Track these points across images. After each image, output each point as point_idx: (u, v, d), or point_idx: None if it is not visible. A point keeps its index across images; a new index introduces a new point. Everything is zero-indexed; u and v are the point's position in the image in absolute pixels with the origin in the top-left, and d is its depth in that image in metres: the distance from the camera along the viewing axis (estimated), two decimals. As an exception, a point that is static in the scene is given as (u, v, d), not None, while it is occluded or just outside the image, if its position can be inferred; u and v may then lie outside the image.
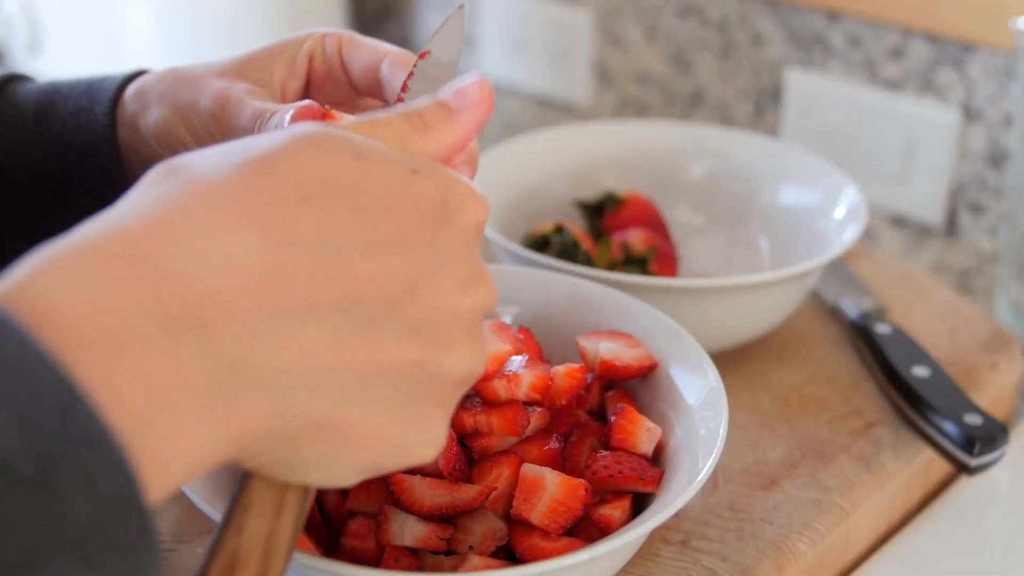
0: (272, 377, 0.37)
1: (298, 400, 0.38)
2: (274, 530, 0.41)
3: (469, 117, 0.46)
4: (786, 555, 0.60)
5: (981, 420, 0.67)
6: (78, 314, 0.33)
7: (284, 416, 0.38)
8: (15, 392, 0.31)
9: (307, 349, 0.37)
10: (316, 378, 0.38)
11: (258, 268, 0.36)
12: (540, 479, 0.54)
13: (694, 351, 0.60)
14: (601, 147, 0.89)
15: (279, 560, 0.41)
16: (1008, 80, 0.96)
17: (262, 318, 0.36)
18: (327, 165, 0.39)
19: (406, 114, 0.44)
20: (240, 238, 0.36)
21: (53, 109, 0.61)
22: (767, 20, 1.10)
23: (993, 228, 1.01)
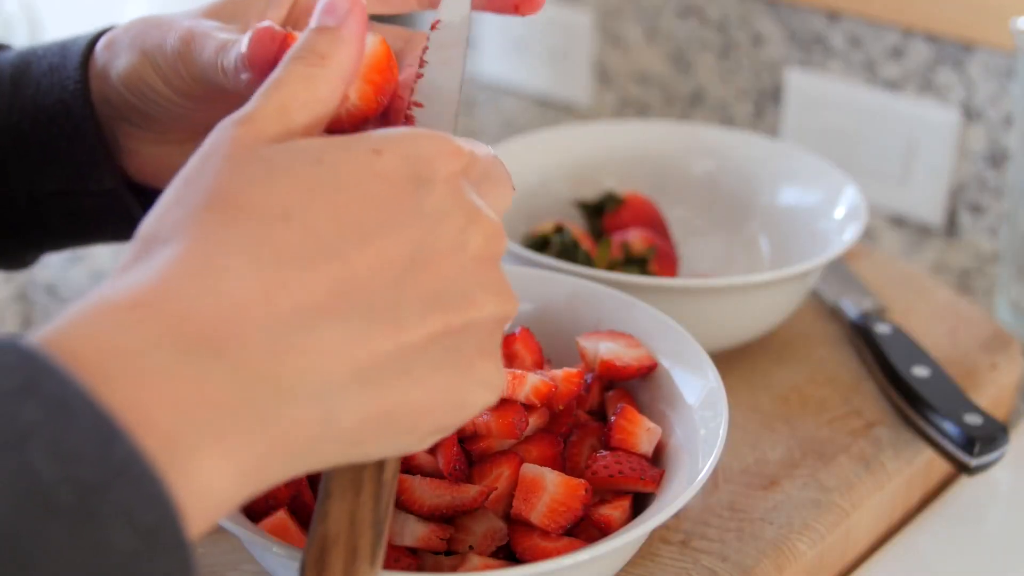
0: (307, 386, 0.37)
1: (341, 402, 0.38)
2: (356, 508, 0.42)
3: (352, 26, 0.45)
4: (786, 555, 0.60)
5: (981, 420, 0.67)
6: (102, 356, 0.34)
7: (332, 420, 0.38)
8: (57, 427, 0.31)
9: (334, 351, 0.38)
10: (352, 376, 0.38)
11: (259, 288, 0.37)
12: (540, 479, 0.54)
13: (694, 351, 0.60)
14: (601, 147, 0.89)
15: (367, 533, 0.42)
16: (1008, 80, 0.96)
17: (276, 332, 0.37)
18: (293, 178, 0.39)
19: (299, 56, 0.44)
20: (234, 270, 0.37)
21: (28, 70, 0.60)
22: (767, 20, 1.10)
23: (993, 228, 1.01)
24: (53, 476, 0.31)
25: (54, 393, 0.32)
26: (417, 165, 0.42)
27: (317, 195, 0.39)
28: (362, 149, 0.41)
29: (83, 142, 0.58)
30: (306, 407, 0.37)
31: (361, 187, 0.40)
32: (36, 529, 0.30)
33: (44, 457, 0.31)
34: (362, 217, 0.40)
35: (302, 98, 0.43)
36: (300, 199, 0.39)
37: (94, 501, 0.31)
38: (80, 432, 0.32)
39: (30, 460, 0.31)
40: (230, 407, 0.35)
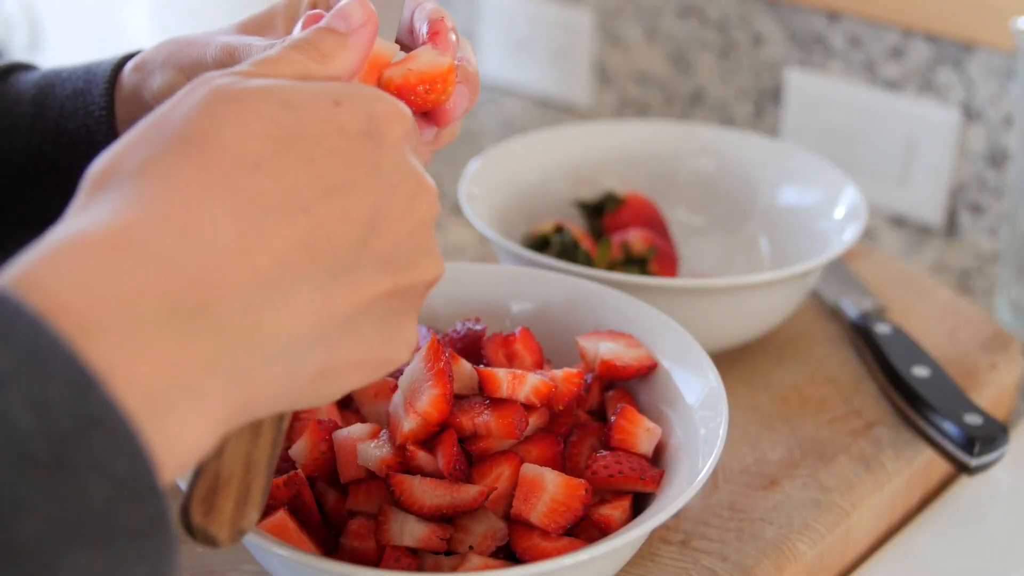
0: (280, 345, 0.38)
1: (304, 358, 0.39)
2: (252, 451, 0.42)
3: (359, 39, 0.46)
4: (786, 555, 0.60)
5: (981, 420, 0.67)
6: (87, 303, 0.33)
7: (294, 376, 0.39)
8: (30, 376, 0.31)
9: (303, 309, 0.39)
10: (315, 334, 0.39)
11: (239, 242, 0.37)
12: (540, 479, 0.54)
13: (694, 351, 0.60)
14: (601, 147, 0.89)
15: (260, 478, 0.42)
16: (1008, 80, 0.96)
17: (257, 290, 0.37)
18: (264, 123, 0.40)
19: (300, 47, 0.45)
20: (213, 218, 0.37)
21: (52, 92, 0.60)
22: (767, 20, 1.10)
23: (993, 228, 1.01)
24: (28, 426, 0.30)
25: (29, 341, 0.31)
26: (372, 120, 0.42)
27: (285, 143, 0.40)
28: (324, 98, 0.42)
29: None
30: (277, 364, 0.38)
31: (325, 139, 0.41)
32: (13, 481, 0.30)
33: (19, 406, 0.30)
34: (326, 170, 0.40)
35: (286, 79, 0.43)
36: (270, 147, 0.39)
37: (69, 451, 0.31)
38: (55, 381, 0.31)
39: (5, 409, 0.30)
40: (211, 366, 0.36)
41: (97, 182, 0.38)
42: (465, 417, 0.55)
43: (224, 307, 0.36)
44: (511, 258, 0.73)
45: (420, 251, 0.43)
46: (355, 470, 0.55)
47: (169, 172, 0.38)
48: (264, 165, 0.39)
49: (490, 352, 0.61)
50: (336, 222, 0.40)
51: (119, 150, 0.39)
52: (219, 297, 0.36)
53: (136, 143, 0.39)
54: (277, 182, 0.39)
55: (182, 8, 1.17)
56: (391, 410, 0.56)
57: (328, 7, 0.58)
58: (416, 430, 0.54)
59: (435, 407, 0.54)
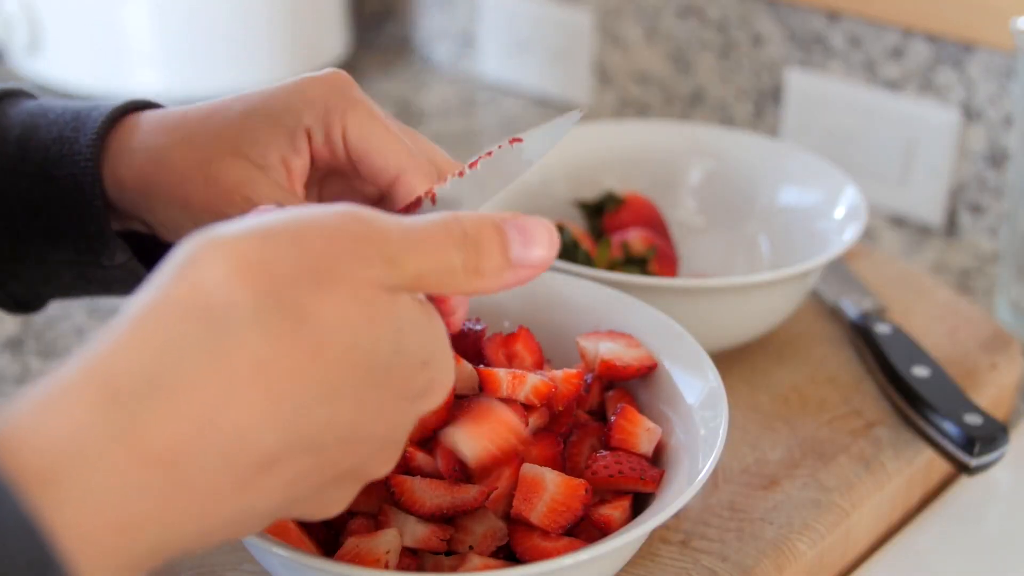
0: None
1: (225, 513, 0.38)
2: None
3: (523, 275, 0.43)
4: (786, 555, 0.60)
5: (981, 420, 0.67)
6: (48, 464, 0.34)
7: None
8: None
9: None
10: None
11: (252, 458, 0.37)
12: (540, 479, 0.54)
13: (694, 351, 0.60)
14: (601, 147, 0.89)
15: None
16: (1008, 80, 0.96)
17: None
18: (370, 352, 0.39)
19: (462, 242, 0.41)
20: (249, 417, 0.36)
21: (36, 134, 0.57)
22: (767, 20, 1.10)
23: (993, 228, 1.01)
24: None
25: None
26: (427, 389, 0.42)
27: (359, 385, 0.39)
28: (419, 355, 0.41)
29: (95, 221, 0.56)
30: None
31: (387, 396, 0.40)
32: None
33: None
34: (364, 417, 0.40)
35: (429, 281, 0.41)
36: (340, 378, 0.38)
37: None
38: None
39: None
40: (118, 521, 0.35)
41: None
42: (465, 417, 0.55)
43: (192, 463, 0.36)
44: (511, 258, 0.73)
45: (391, 451, 0.43)
46: (355, 470, 0.55)
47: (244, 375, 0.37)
48: (339, 394, 0.38)
49: (490, 352, 0.60)
50: (318, 466, 0.39)
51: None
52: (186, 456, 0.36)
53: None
54: (329, 416, 0.38)
55: (183, 8, 1.17)
56: None
57: (328, 140, 0.55)
58: (413, 433, 0.54)
59: (434, 414, 0.54)
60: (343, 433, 0.39)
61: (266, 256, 0.38)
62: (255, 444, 0.37)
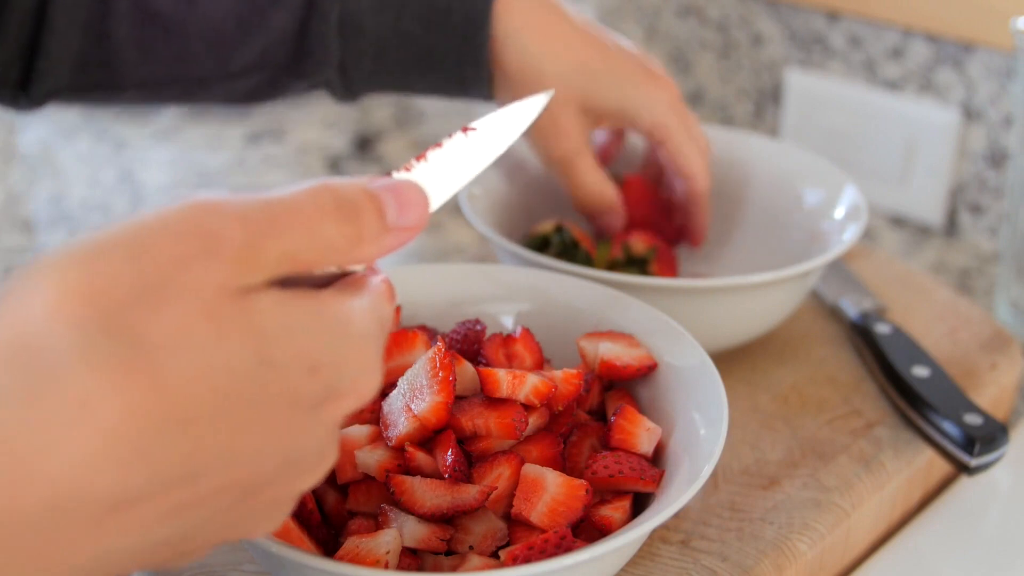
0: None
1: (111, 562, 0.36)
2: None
3: (399, 240, 0.41)
4: (786, 555, 0.60)
5: (981, 420, 0.67)
6: None
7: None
8: None
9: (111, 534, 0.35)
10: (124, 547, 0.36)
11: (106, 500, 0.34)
12: (541, 479, 0.54)
13: (694, 351, 0.60)
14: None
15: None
16: (1008, 80, 0.96)
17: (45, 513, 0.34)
18: (223, 369, 0.35)
19: (338, 213, 0.39)
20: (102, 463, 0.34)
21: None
22: (767, 20, 1.10)
23: (993, 228, 1.01)
24: None
25: None
26: (331, 394, 0.38)
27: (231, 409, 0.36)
28: (304, 362, 0.37)
29: (475, 66, 0.73)
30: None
31: (272, 413, 0.37)
32: None
33: None
34: (245, 447, 0.36)
35: (304, 258, 0.38)
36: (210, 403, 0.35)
37: None
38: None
39: None
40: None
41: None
42: (465, 417, 0.55)
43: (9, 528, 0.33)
44: (511, 258, 0.73)
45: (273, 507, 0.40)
46: (353, 471, 0.55)
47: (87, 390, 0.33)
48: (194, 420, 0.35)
49: (490, 352, 0.61)
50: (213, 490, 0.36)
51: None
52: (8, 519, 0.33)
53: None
54: (190, 453, 0.35)
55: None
56: (385, 408, 0.56)
57: None
58: (413, 433, 0.54)
59: (434, 414, 0.54)
60: (220, 458, 0.36)
61: (95, 280, 0.34)
62: (90, 488, 0.34)
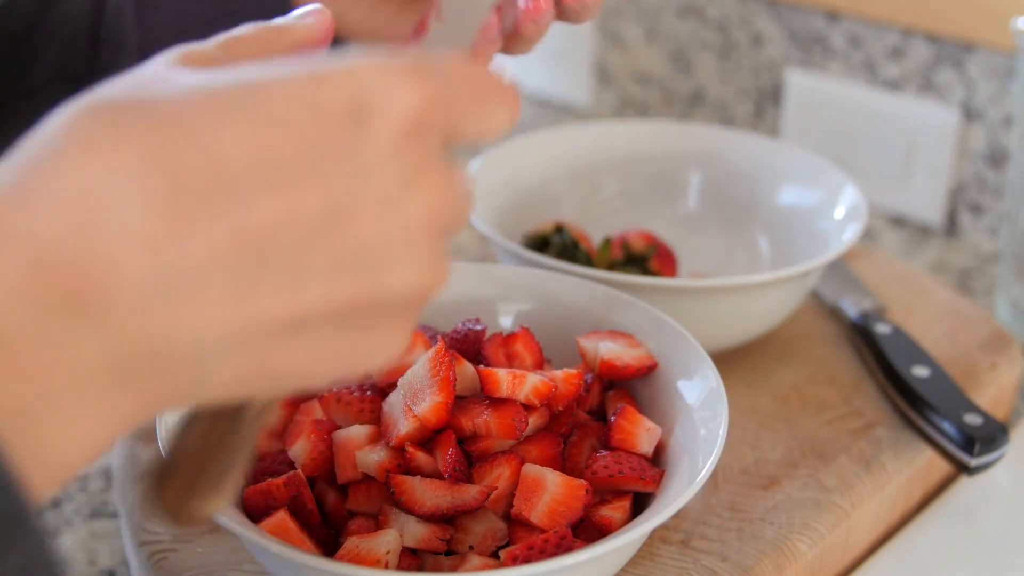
0: (179, 348, 0.33)
1: (216, 362, 0.34)
2: (211, 433, 0.38)
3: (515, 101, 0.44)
4: (786, 555, 0.60)
5: (981, 420, 0.67)
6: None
7: (204, 379, 0.34)
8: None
9: (214, 312, 0.33)
10: (230, 337, 0.34)
11: (145, 235, 0.32)
12: (541, 479, 0.54)
13: (694, 351, 0.60)
14: (601, 147, 0.89)
15: (216, 461, 0.38)
16: (1008, 80, 0.96)
17: (152, 290, 0.32)
18: (208, 97, 0.34)
19: (441, 73, 0.38)
20: (120, 204, 0.32)
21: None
22: (767, 20, 1.10)
23: (993, 228, 1.01)
24: None
25: None
26: (360, 104, 0.35)
27: (234, 118, 0.34)
28: (303, 73, 0.35)
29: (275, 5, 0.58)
30: (177, 368, 0.33)
31: (289, 118, 0.34)
32: None
33: None
34: (282, 155, 0.34)
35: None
36: (213, 119, 0.33)
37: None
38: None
39: None
40: (86, 376, 0.32)
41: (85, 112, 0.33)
42: (465, 417, 0.55)
43: (107, 309, 0.31)
44: (511, 258, 0.73)
45: (401, 257, 0.36)
46: (353, 471, 0.55)
47: (77, 133, 0.32)
48: (200, 137, 0.33)
49: (490, 352, 0.61)
50: (280, 218, 0.34)
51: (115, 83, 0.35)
52: (102, 297, 0.31)
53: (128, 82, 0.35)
54: (211, 161, 0.33)
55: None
56: (386, 408, 0.56)
57: None
58: (413, 433, 0.54)
59: (435, 414, 0.54)
60: (263, 179, 0.34)
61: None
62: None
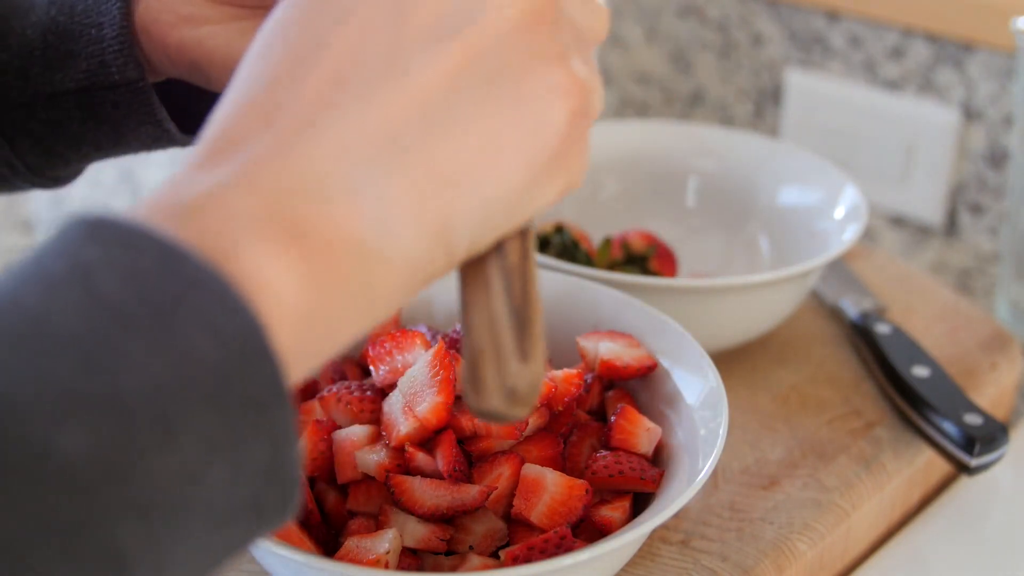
0: (335, 184, 0.34)
1: (384, 186, 0.35)
2: (490, 309, 0.39)
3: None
4: (786, 555, 0.60)
5: (981, 420, 0.67)
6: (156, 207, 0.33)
7: (383, 211, 0.34)
8: (122, 258, 0.30)
9: (347, 142, 0.35)
10: (380, 155, 0.35)
11: (262, 95, 0.35)
12: (541, 479, 0.54)
13: (694, 351, 0.60)
14: (601, 147, 0.89)
15: (507, 332, 0.38)
16: (1008, 80, 0.96)
17: (280, 140, 0.34)
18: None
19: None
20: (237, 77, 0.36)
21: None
22: (767, 20, 1.10)
23: (993, 228, 1.01)
24: (123, 296, 0.29)
25: (114, 235, 0.30)
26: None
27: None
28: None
29: (112, 26, 0.55)
30: (341, 203, 0.34)
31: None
32: (115, 344, 0.28)
33: (110, 282, 0.29)
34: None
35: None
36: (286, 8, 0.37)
37: (170, 314, 0.29)
38: (146, 258, 0.30)
39: (95, 286, 0.29)
40: (255, 219, 0.32)
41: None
42: (465, 417, 0.55)
43: (253, 160, 0.34)
44: (511, 258, 0.73)
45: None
46: (353, 471, 0.55)
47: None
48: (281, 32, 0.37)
49: (490, 352, 0.60)
50: (356, 38, 0.36)
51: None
52: (244, 146, 0.34)
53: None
54: (292, 23, 0.36)
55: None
56: (386, 408, 0.56)
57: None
58: (413, 434, 0.54)
59: (435, 415, 0.54)
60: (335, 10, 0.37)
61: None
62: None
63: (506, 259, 0.39)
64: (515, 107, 0.37)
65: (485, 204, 0.37)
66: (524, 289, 0.40)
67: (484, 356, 0.38)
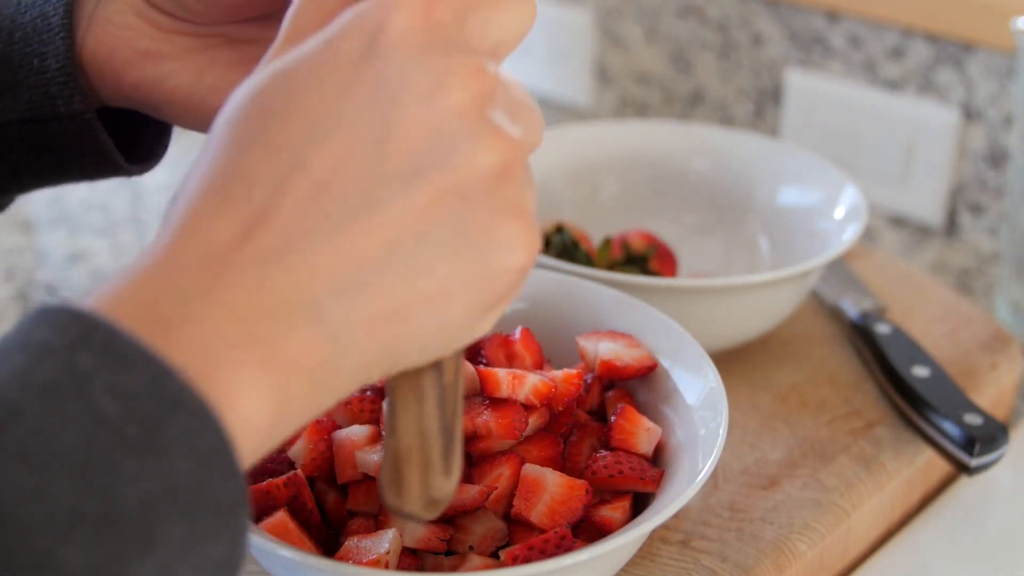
0: (297, 309, 0.36)
1: (339, 314, 0.36)
2: (421, 418, 0.41)
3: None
4: (786, 555, 0.60)
5: (981, 420, 0.67)
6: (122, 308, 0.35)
7: (337, 335, 0.36)
8: (112, 371, 0.33)
9: (315, 267, 0.36)
10: (341, 287, 0.36)
11: (235, 225, 0.36)
12: (541, 479, 0.54)
13: (694, 351, 0.60)
14: (601, 147, 0.89)
15: (436, 444, 0.41)
16: (1008, 80, 0.96)
17: (254, 265, 0.36)
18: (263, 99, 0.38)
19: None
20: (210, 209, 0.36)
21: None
22: (767, 20, 1.10)
23: (993, 228, 1.01)
24: (116, 412, 0.32)
25: (105, 343, 0.33)
26: (370, 37, 0.38)
27: (270, 100, 0.37)
28: (314, 44, 0.38)
29: (56, 58, 0.53)
30: (305, 329, 0.36)
31: (311, 81, 0.37)
32: (111, 463, 0.31)
33: (105, 397, 0.32)
34: (315, 113, 0.37)
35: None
36: (258, 109, 0.37)
37: (156, 431, 0.32)
38: (134, 373, 0.33)
39: (92, 400, 0.32)
40: (231, 342, 0.35)
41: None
42: (465, 417, 0.55)
43: (226, 289, 0.35)
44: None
45: (460, 139, 0.37)
46: (353, 471, 0.55)
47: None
48: (254, 134, 0.37)
49: (490, 352, 0.61)
50: (332, 166, 0.36)
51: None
52: (219, 280, 0.35)
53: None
54: (265, 147, 0.37)
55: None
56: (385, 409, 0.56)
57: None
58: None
59: None
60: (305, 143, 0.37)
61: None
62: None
63: (443, 376, 0.42)
64: (476, 259, 0.38)
65: (432, 336, 0.39)
66: (455, 407, 0.42)
67: (410, 463, 0.41)
